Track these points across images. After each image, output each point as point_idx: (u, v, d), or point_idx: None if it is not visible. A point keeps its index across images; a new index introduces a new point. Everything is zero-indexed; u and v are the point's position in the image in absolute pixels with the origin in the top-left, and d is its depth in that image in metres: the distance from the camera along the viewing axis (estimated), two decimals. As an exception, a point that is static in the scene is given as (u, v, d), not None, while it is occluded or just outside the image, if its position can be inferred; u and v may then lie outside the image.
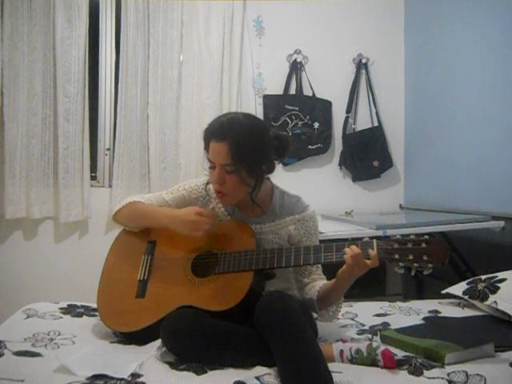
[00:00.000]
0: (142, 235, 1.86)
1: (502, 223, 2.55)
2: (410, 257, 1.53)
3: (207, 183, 1.83)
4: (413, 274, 1.56)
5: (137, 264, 1.80)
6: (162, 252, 1.80)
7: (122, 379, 1.36)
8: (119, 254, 1.87)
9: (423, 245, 1.54)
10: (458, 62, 3.02)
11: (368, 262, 1.55)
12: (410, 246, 1.55)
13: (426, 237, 1.57)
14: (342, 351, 1.54)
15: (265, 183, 1.77)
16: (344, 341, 1.63)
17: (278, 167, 3.75)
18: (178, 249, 1.78)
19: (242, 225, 1.76)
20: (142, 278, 1.76)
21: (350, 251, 1.57)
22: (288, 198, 1.83)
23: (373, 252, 1.55)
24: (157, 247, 1.83)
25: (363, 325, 1.95)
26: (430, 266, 1.51)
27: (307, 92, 3.50)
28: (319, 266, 1.80)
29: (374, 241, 1.59)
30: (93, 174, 3.35)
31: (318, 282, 1.77)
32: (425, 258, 1.52)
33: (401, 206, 3.63)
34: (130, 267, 1.80)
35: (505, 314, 1.91)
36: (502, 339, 1.68)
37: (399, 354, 1.57)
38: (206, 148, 1.70)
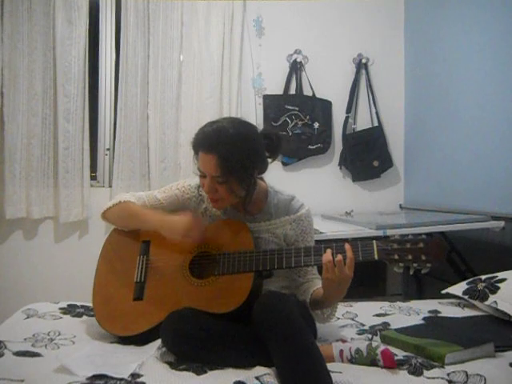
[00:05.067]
0: (135, 235, 1.82)
1: (502, 223, 2.55)
2: (409, 257, 1.54)
3: (199, 185, 1.80)
4: (411, 273, 1.57)
5: (132, 265, 1.76)
6: (158, 252, 1.77)
7: (121, 379, 1.36)
8: (112, 255, 1.82)
9: (421, 244, 1.54)
10: (457, 61, 3.02)
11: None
12: (408, 246, 1.55)
13: (423, 236, 1.58)
14: (341, 351, 1.54)
15: (258, 183, 1.75)
16: (344, 341, 1.63)
17: (279, 167, 3.74)
18: (173, 249, 1.74)
19: (239, 224, 1.74)
20: (138, 280, 1.72)
21: (326, 256, 1.54)
22: (282, 197, 1.82)
23: (347, 245, 1.54)
24: (151, 247, 1.79)
25: (363, 325, 1.95)
26: (428, 265, 1.53)
27: (307, 92, 3.50)
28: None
29: (374, 241, 1.59)
30: (93, 174, 3.36)
31: (312, 283, 1.76)
32: (423, 257, 1.53)
33: (401, 206, 3.62)
34: (126, 268, 1.76)
35: (505, 314, 1.91)
36: (502, 339, 1.68)
37: (399, 354, 1.57)
38: (196, 156, 1.69)
